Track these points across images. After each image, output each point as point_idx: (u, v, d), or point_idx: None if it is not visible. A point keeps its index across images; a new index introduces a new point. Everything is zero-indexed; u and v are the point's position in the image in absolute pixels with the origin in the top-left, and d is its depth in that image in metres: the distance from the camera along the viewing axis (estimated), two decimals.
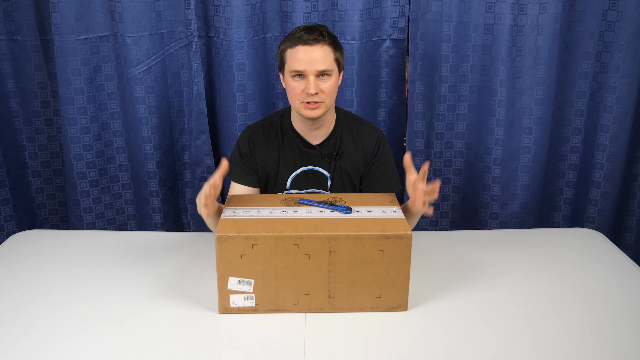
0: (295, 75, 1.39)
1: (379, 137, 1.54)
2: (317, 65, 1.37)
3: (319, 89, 1.39)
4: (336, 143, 1.53)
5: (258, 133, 1.54)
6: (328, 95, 1.41)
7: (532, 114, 1.95)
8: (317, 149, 1.52)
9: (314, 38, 1.37)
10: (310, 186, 1.54)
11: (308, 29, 1.40)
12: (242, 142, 1.54)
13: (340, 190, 1.54)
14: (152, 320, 1.24)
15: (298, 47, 1.38)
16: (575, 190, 2.11)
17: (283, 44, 1.43)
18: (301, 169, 1.52)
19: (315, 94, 1.38)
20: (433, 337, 1.19)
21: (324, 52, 1.38)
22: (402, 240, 1.20)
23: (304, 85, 1.39)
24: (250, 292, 1.23)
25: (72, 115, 1.97)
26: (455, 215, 2.18)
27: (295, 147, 1.52)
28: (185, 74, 2.00)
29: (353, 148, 1.53)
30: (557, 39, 1.87)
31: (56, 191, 2.19)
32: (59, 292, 1.35)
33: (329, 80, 1.40)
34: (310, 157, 1.52)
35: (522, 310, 1.28)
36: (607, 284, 1.39)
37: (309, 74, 1.38)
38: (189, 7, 1.88)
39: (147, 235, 1.72)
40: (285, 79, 1.44)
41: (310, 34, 1.38)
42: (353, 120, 1.56)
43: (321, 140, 1.52)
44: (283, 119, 1.55)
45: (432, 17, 1.92)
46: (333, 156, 1.52)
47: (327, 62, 1.39)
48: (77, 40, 1.90)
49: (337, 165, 1.53)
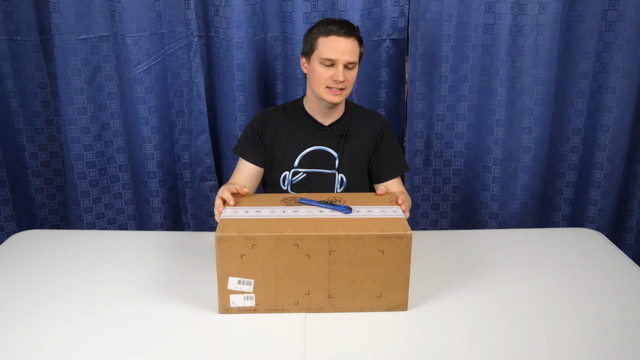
0: (326, 62, 1.49)
1: (384, 122, 1.64)
2: (348, 56, 1.48)
3: (345, 77, 1.49)
4: (345, 126, 1.60)
5: (270, 114, 1.62)
6: (351, 84, 1.52)
7: (532, 114, 1.95)
8: (327, 129, 1.60)
9: (346, 31, 1.48)
10: (317, 166, 1.59)
11: (340, 23, 1.50)
12: (255, 122, 1.62)
13: (347, 170, 1.59)
14: (152, 320, 1.24)
15: (332, 37, 1.48)
16: (575, 190, 2.11)
17: (315, 31, 1.52)
18: (310, 148, 1.58)
19: (342, 81, 1.48)
20: (433, 337, 1.19)
21: (354, 45, 1.50)
22: (402, 240, 1.20)
23: (332, 72, 1.49)
24: (250, 292, 1.23)
25: (72, 115, 1.97)
26: (455, 215, 2.18)
27: (306, 128, 1.60)
28: (185, 74, 2.00)
29: (362, 131, 1.61)
30: (557, 39, 1.87)
31: (56, 191, 2.19)
32: (59, 292, 1.35)
33: (353, 71, 1.52)
34: (320, 136, 1.59)
35: (522, 310, 1.28)
36: (607, 284, 1.39)
37: (339, 63, 1.48)
38: (189, 7, 1.88)
39: (147, 235, 1.72)
40: (311, 63, 1.53)
41: (343, 27, 1.49)
42: (360, 108, 1.67)
43: (332, 121, 1.60)
44: (295, 104, 1.64)
45: (432, 17, 1.92)
46: (342, 137, 1.59)
47: (355, 54, 1.50)
48: (77, 40, 1.90)
49: (346, 146, 1.59)
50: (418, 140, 2.06)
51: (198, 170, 2.07)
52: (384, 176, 1.61)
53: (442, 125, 2.05)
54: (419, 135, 2.05)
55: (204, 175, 2.06)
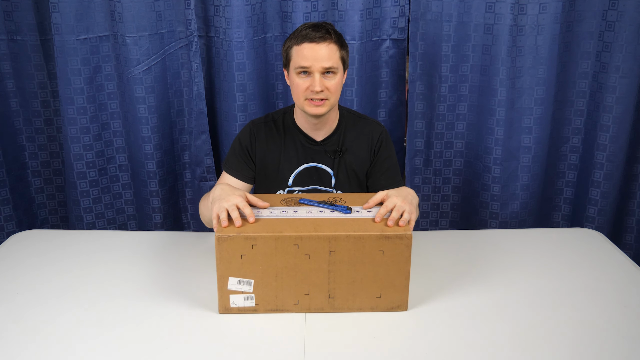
0: (301, 71, 1.40)
1: (382, 131, 1.55)
2: (323, 62, 1.37)
3: (324, 86, 1.39)
4: (340, 140, 1.53)
5: (260, 127, 1.53)
6: (333, 93, 1.41)
7: (532, 114, 1.95)
8: (320, 145, 1.52)
9: (320, 36, 1.38)
10: (313, 183, 1.53)
11: (314, 27, 1.40)
12: (244, 135, 1.54)
13: (344, 187, 1.54)
14: (152, 320, 1.24)
15: (304, 45, 1.38)
16: (575, 190, 2.11)
17: (289, 40, 1.43)
18: (304, 165, 1.52)
19: (320, 91, 1.38)
20: (433, 337, 1.19)
21: (330, 49, 1.38)
22: (402, 241, 1.20)
23: (309, 82, 1.39)
24: (250, 292, 1.23)
25: (72, 115, 1.97)
26: (455, 215, 2.18)
27: (298, 144, 1.52)
28: (185, 74, 2.00)
29: (357, 144, 1.53)
30: (557, 39, 1.87)
31: (56, 191, 2.19)
32: (58, 292, 1.35)
33: (334, 78, 1.40)
34: (313, 153, 1.52)
35: (522, 310, 1.28)
36: (607, 284, 1.39)
37: (315, 70, 1.38)
38: (189, 7, 1.88)
39: (147, 235, 1.72)
40: (290, 75, 1.44)
41: (316, 31, 1.38)
42: (356, 117, 1.57)
43: (324, 136, 1.52)
44: (286, 116, 1.55)
45: (432, 17, 1.92)
46: (337, 153, 1.52)
47: (333, 59, 1.39)
48: (77, 40, 1.90)
49: (342, 162, 1.52)
50: (418, 140, 2.06)
51: (198, 170, 2.07)
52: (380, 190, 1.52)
53: (442, 125, 2.05)
54: (419, 135, 2.05)
55: (204, 175, 2.06)
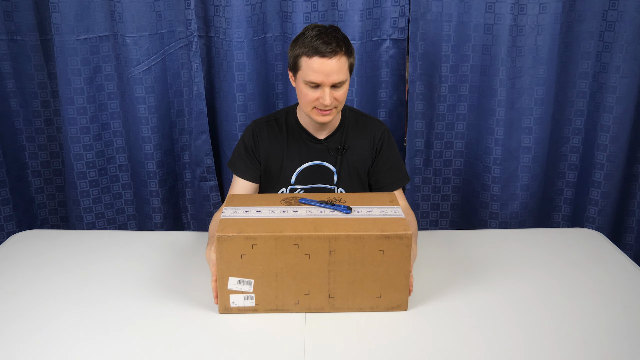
0: (310, 84, 1.39)
1: (384, 130, 1.56)
2: (333, 77, 1.37)
3: (333, 97, 1.40)
4: (342, 137, 1.54)
5: (262, 127, 1.55)
6: (341, 102, 1.43)
7: (532, 114, 1.95)
8: (323, 143, 1.53)
9: (331, 50, 1.35)
10: (315, 181, 1.54)
11: (324, 38, 1.36)
12: (247, 136, 1.55)
13: (347, 185, 1.55)
14: (152, 320, 1.24)
15: (315, 59, 1.36)
16: (575, 190, 2.11)
17: (298, 47, 1.40)
18: (307, 163, 1.53)
19: (329, 104, 1.40)
20: (433, 337, 1.19)
21: (341, 63, 1.37)
22: (402, 240, 1.20)
23: (318, 94, 1.39)
24: (250, 292, 1.23)
25: (72, 115, 1.97)
26: (455, 215, 2.18)
27: (301, 142, 1.53)
28: (185, 74, 2.00)
29: (360, 141, 1.54)
30: (557, 39, 1.87)
31: (56, 191, 2.19)
32: (58, 292, 1.35)
33: (342, 88, 1.41)
34: (316, 151, 1.53)
35: (522, 310, 1.28)
36: (607, 284, 1.39)
37: (325, 85, 1.38)
38: (189, 7, 1.88)
39: (147, 235, 1.72)
40: (297, 82, 1.44)
41: (327, 44, 1.35)
42: (359, 115, 1.58)
43: (327, 135, 1.53)
44: (288, 115, 1.56)
45: (432, 17, 1.92)
46: (340, 150, 1.53)
47: (342, 72, 1.39)
48: (77, 40, 1.90)
49: (344, 159, 1.53)
50: (418, 140, 2.06)
51: (198, 170, 2.07)
52: (383, 188, 1.55)
53: (442, 125, 2.05)
54: (419, 135, 2.05)
55: (204, 175, 2.06)
